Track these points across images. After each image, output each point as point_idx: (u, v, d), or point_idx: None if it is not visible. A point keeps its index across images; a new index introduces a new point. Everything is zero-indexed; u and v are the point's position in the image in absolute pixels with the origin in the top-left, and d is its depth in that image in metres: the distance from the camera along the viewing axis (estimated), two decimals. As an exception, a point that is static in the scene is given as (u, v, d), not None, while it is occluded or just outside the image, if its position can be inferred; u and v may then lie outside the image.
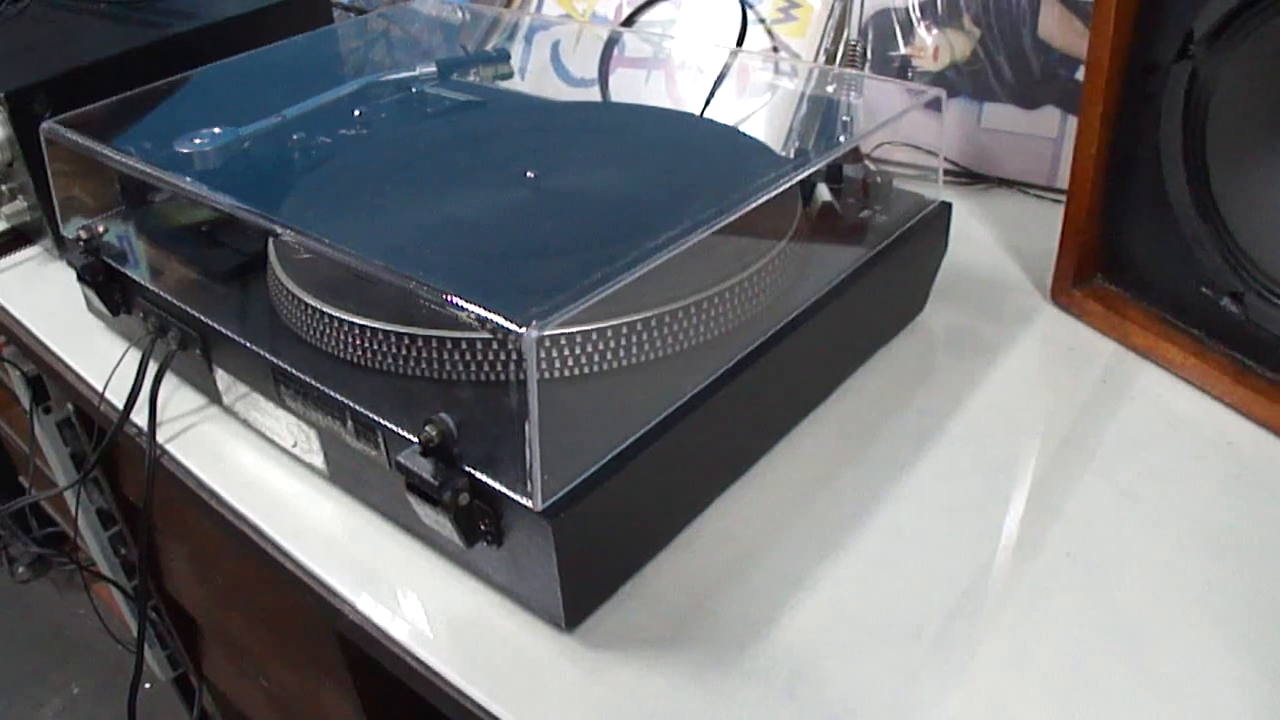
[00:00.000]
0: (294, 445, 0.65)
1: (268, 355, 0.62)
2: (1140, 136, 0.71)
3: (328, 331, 0.61)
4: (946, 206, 0.74)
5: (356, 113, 0.83)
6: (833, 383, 0.70)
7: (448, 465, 0.52)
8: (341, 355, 0.61)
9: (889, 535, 0.61)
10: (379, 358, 0.59)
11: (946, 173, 0.92)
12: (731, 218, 0.58)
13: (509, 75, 0.90)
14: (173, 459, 0.69)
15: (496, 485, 0.51)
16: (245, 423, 0.70)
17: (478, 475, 0.52)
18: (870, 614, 0.56)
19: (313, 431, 0.62)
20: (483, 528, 0.53)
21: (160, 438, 0.70)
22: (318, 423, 0.61)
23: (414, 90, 0.87)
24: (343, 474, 0.63)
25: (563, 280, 0.52)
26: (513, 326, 0.48)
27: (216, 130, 0.75)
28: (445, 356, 0.56)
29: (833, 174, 0.75)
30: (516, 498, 0.51)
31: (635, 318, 0.57)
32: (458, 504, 0.52)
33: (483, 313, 0.49)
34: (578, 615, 0.55)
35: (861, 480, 0.64)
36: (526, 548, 0.52)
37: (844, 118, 0.81)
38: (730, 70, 0.91)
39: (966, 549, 0.60)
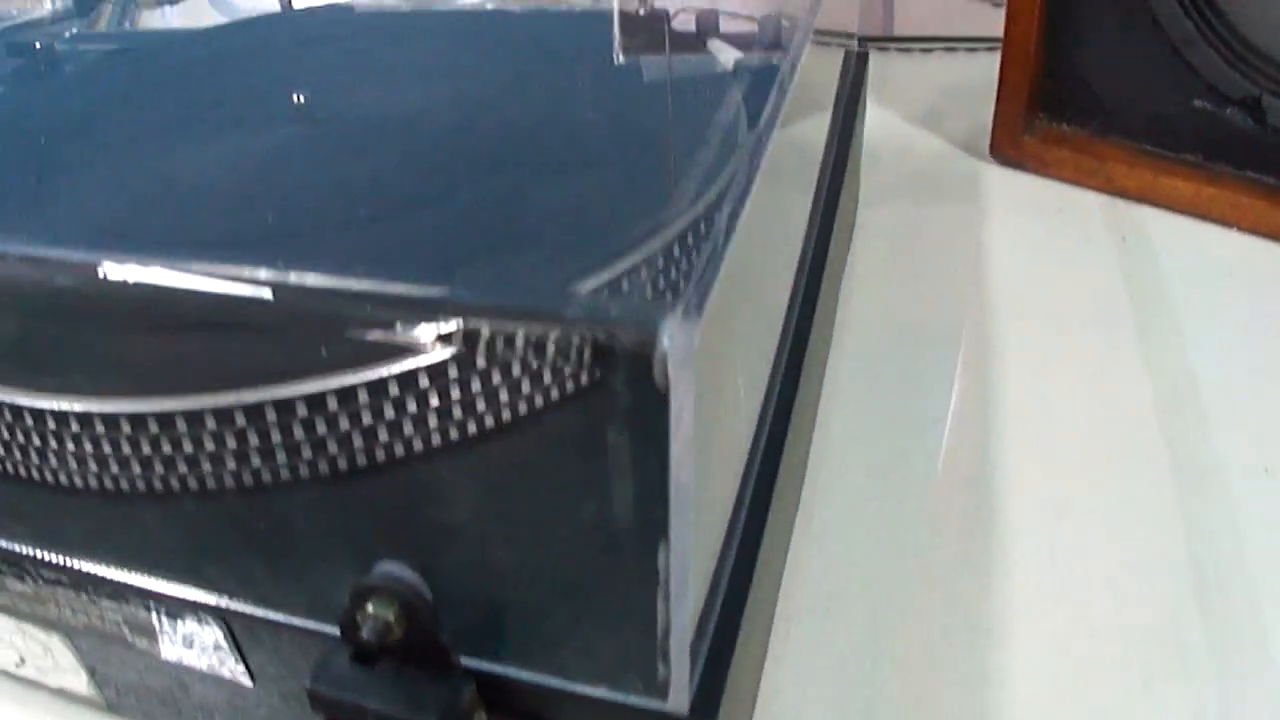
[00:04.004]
0: (19, 664, 0.31)
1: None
2: (1092, -80, 0.49)
3: (49, 439, 0.27)
4: (864, 56, 0.49)
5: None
6: (831, 324, 0.43)
7: (434, 668, 0.22)
8: (88, 480, 0.27)
9: (1043, 511, 0.36)
10: (175, 465, 0.26)
11: (742, 39, 0.66)
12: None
13: (178, -7, 0.55)
14: None
15: (574, 686, 0.21)
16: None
17: (514, 677, 0.22)
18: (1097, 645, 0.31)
19: (57, 638, 0.29)
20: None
21: None
22: (67, 624, 0.28)
23: (42, 45, 0.51)
24: (141, 697, 0.30)
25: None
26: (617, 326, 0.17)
27: None
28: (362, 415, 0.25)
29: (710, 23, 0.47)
30: (630, 700, 0.21)
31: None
32: (466, 741, 0.22)
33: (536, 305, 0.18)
34: None
35: (939, 450, 0.38)
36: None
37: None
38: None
39: (1143, 485, 0.36)
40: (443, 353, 0.19)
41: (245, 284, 0.20)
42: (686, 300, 0.18)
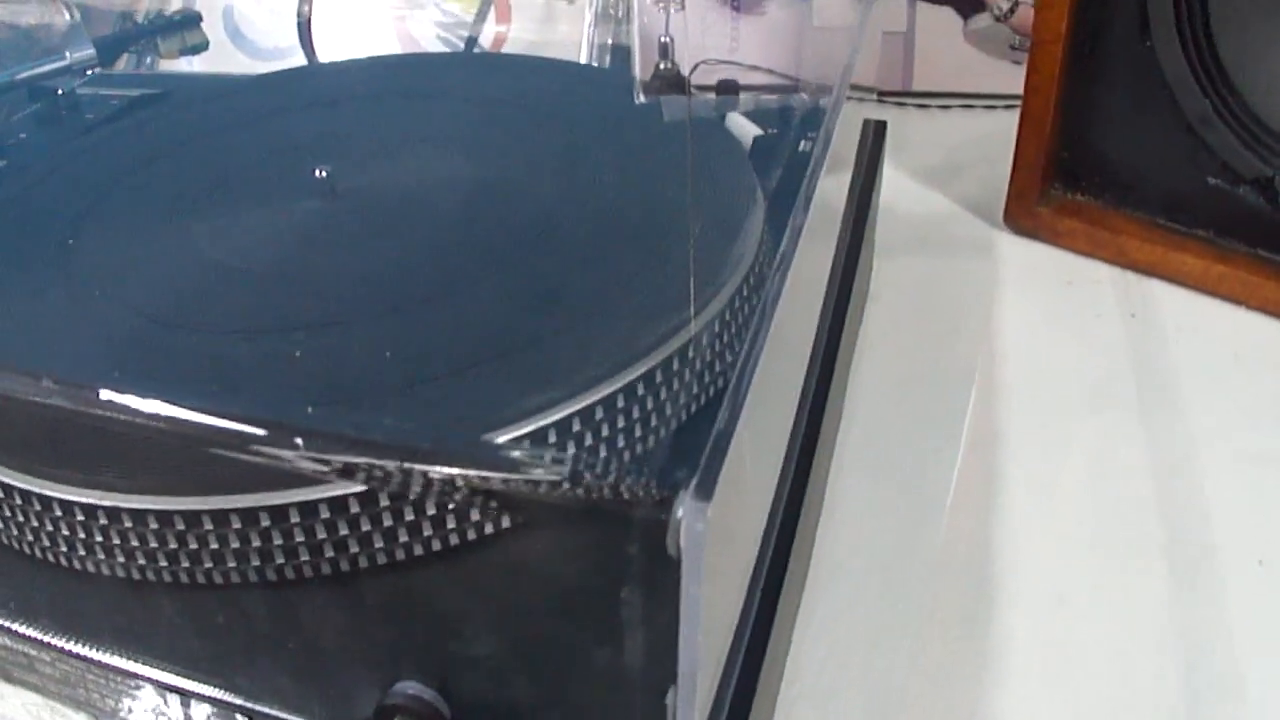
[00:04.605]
0: (44, 735, 0.32)
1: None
2: (1111, 2, 0.49)
3: (64, 527, 0.28)
4: (882, 125, 0.50)
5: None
6: (842, 394, 0.44)
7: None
8: (99, 566, 0.28)
9: (1040, 601, 0.37)
10: (186, 557, 0.28)
11: (773, 89, 0.67)
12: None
13: (203, 46, 0.56)
14: None
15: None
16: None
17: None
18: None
19: (85, 718, 0.30)
20: None
21: None
22: (96, 706, 0.29)
23: (63, 92, 0.52)
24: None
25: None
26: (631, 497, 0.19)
27: None
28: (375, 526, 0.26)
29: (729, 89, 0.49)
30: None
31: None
32: None
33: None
34: None
35: (942, 535, 0.39)
36: None
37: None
38: None
39: (1139, 575, 0.38)
40: (465, 502, 0.20)
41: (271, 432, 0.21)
42: (703, 473, 0.19)
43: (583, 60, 0.62)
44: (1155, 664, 0.35)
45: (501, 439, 0.26)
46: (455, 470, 0.20)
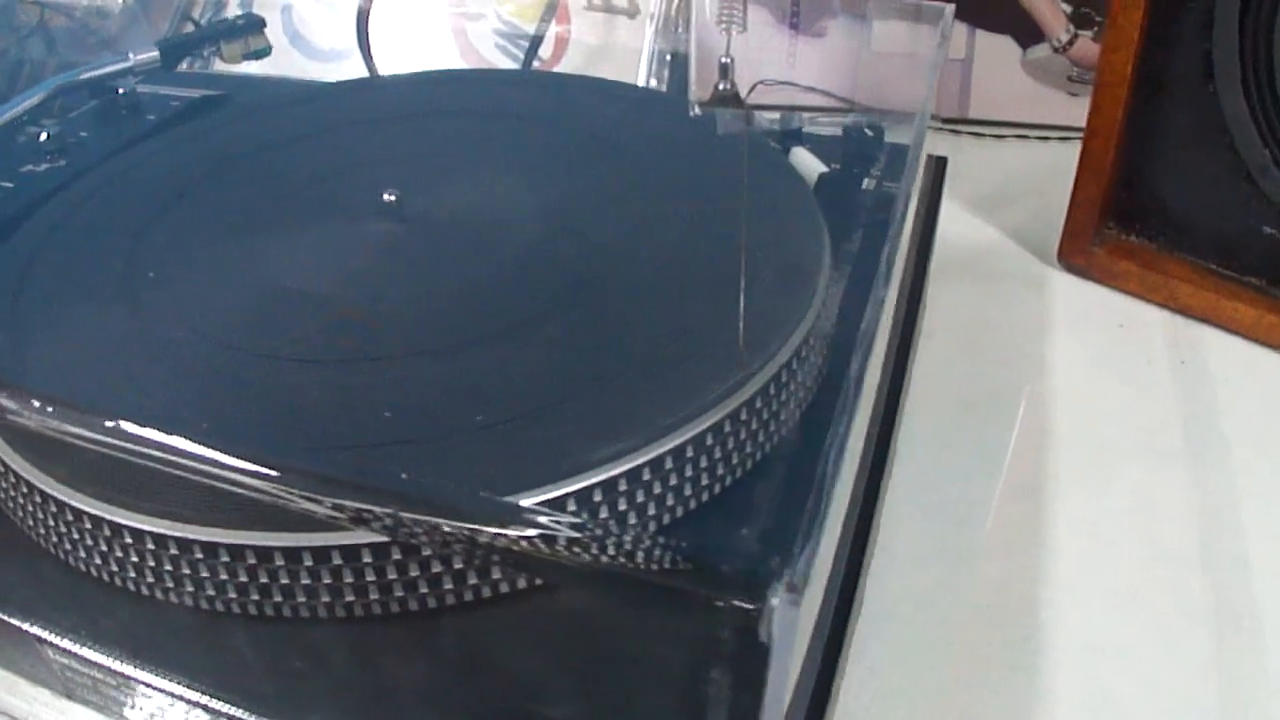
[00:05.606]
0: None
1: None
2: (1177, 46, 0.49)
3: (133, 557, 0.29)
4: (943, 161, 0.50)
5: (43, 135, 0.48)
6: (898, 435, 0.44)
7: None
8: (168, 594, 0.29)
9: (1083, 651, 0.37)
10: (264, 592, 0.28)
11: (828, 110, 0.67)
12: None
13: (265, 51, 0.56)
14: None
15: None
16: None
17: None
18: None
19: (147, 737, 0.30)
20: None
21: None
22: (159, 727, 0.29)
23: (124, 91, 0.52)
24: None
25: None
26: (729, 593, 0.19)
27: None
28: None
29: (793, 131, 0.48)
30: None
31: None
32: None
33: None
34: None
35: (987, 580, 0.39)
36: None
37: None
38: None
39: (1181, 630, 0.37)
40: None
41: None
42: (797, 564, 0.19)
43: (643, 68, 0.62)
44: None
45: (564, 490, 0.26)
46: (539, 545, 0.20)
